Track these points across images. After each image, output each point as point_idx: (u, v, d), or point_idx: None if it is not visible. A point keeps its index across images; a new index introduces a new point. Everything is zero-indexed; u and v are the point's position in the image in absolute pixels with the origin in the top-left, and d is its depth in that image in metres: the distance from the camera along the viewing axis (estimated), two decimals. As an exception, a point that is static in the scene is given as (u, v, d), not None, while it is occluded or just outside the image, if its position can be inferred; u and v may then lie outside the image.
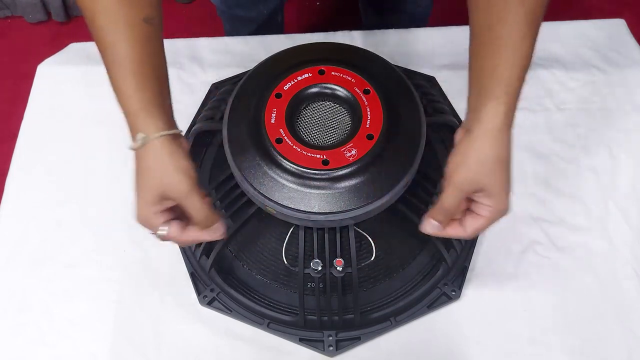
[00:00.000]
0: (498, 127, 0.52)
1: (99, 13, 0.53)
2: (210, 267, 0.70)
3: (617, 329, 0.68)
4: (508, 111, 0.52)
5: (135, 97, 0.53)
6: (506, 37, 0.52)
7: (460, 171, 0.53)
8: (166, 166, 0.53)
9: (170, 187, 0.53)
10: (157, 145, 0.53)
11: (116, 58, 0.53)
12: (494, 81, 0.53)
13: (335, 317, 0.67)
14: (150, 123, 0.53)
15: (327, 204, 0.59)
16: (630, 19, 0.96)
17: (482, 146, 0.52)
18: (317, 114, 0.66)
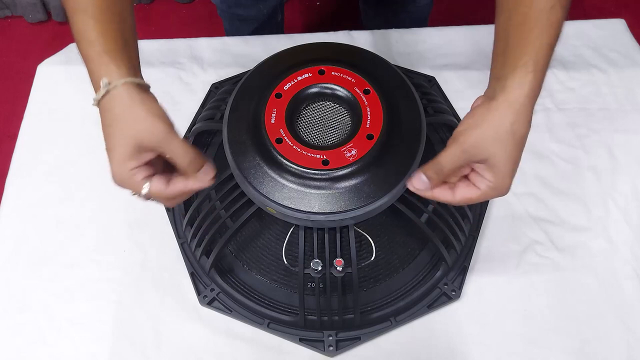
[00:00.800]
0: (522, 98, 0.49)
1: None
2: (210, 267, 0.70)
3: (617, 329, 0.68)
4: (535, 82, 0.49)
5: (98, 43, 0.48)
6: (536, 5, 0.49)
7: (470, 133, 0.49)
8: (137, 112, 0.48)
9: (146, 135, 0.48)
10: (124, 91, 0.48)
11: (80, 2, 0.50)
12: (522, 49, 0.49)
13: (335, 317, 0.67)
14: (114, 69, 0.48)
15: (327, 204, 0.59)
16: (630, 19, 0.96)
17: (501, 115, 0.49)
18: (317, 114, 0.66)
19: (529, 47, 0.49)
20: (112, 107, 0.48)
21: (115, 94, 0.48)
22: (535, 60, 0.49)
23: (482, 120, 0.49)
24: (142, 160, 0.50)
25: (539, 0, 0.50)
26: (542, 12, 0.49)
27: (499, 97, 0.49)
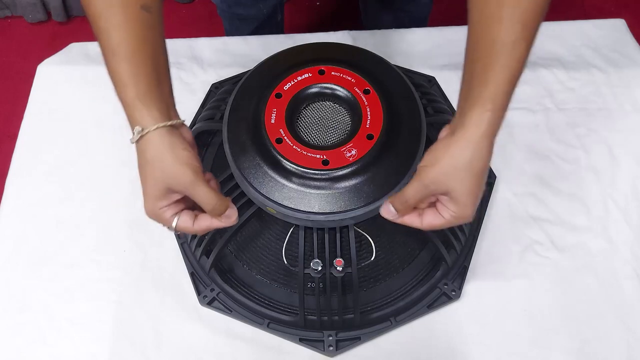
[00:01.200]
0: (479, 136, 0.51)
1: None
2: (210, 267, 0.70)
3: (617, 329, 0.68)
4: (493, 119, 0.50)
5: (130, 86, 0.51)
6: (499, 39, 0.50)
7: (430, 169, 0.52)
8: (166, 159, 0.51)
9: (174, 180, 0.52)
10: (155, 137, 0.51)
11: (111, 44, 0.51)
12: (482, 85, 0.51)
13: (335, 317, 0.67)
14: (146, 114, 0.51)
15: (327, 204, 0.59)
16: (630, 19, 0.96)
17: (459, 152, 0.51)
18: (317, 114, 0.66)
19: (489, 84, 0.50)
20: (145, 151, 0.52)
21: (147, 139, 0.51)
22: (493, 99, 0.50)
23: (441, 157, 0.52)
24: (171, 200, 0.53)
25: (503, 34, 0.50)
26: (505, 47, 0.50)
27: (457, 133, 0.51)
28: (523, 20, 0.50)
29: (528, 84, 0.87)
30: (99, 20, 0.52)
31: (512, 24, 0.50)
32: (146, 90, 0.52)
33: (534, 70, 0.88)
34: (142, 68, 0.52)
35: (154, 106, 0.51)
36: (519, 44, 0.50)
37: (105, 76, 0.80)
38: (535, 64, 0.88)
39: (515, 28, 0.50)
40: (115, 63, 0.52)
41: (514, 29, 0.50)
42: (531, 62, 0.88)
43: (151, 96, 0.52)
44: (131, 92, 0.51)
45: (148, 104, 0.51)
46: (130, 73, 0.51)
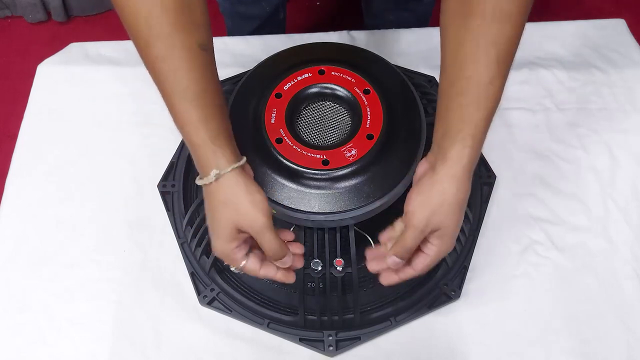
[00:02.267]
0: (461, 171, 0.52)
1: (155, 39, 0.51)
2: (210, 267, 0.70)
3: (617, 329, 0.68)
4: (472, 154, 0.52)
5: (202, 129, 0.51)
6: (475, 78, 0.52)
7: (421, 212, 0.53)
8: (242, 202, 0.52)
9: (246, 223, 0.52)
10: (231, 179, 0.52)
11: (177, 88, 0.52)
12: (461, 122, 0.52)
13: (335, 317, 0.67)
14: (220, 156, 0.52)
15: (327, 204, 0.59)
16: (630, 19, 0.96)
17: (446, 189, 0.53)
18: (317, 114, 0.66)
19: (467, 122, 0.52)
20: (219, 192, 0.52)
21: (222, 181, 0.52)
22: (472, 135, 0.52)
23: (430, 197, 0.53)
24: (240, 240, 0.54)
25: (479, 73, 0.52)
26: (481, 86, 0.52)
27: (440, 169, 0.53)
28: (498, 59, 0.52)
29: (528, 84, 0.87)
30: (161, 63, 0.51)
31: (488, 63, 0.51)
32: (217, 131, 0.52)
33: (534, 70, 0.88)
34: (210, 109, 0.52)
35: (226, 147, 0.52)
36: (495, 82, 0.52)
37: (105, 76, 0.81)
38: (535, 64, 0.88)
39: (491, 67, 0.51)
40: (183, 106, 0.52)
41: (490, 68, 0.52)
42: (531, 62, 0.88)
43: (221, 137, 0.52)
44: (203, 134, 0.51)
45: (221, 146, 0.52)
46: (200, 115, 0.52)
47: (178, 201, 0.76)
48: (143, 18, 0.51)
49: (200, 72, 0.53)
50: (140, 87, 0.86)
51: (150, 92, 0.85)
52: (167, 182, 0.77)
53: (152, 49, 0.51)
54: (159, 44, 0.51)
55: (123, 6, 0.51)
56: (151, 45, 0.51)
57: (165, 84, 0.52)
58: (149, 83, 0.53)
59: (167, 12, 0.50)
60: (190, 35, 0.52)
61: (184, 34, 0.51)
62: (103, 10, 1.64)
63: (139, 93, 0.86)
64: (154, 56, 0.51)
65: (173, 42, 0.51)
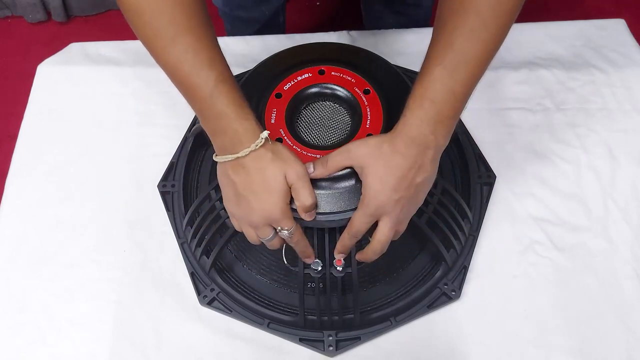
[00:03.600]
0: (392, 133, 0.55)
1: (182, 35, 0.54)
2: (210, 267, 0.70)
3: (617, 329, 0.68)
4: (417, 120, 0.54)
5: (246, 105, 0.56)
6: (457, 46, 0.54)
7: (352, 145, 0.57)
8: (286, 153, 0.56)
9: (294, 172, 0.55)
10: (270, 141, 0.56)
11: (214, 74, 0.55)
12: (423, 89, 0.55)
13: (335, 317, 0.67)
14: (259, 125, 0.56)
15: (327, 204, 0.59)
16: (630, 19, 0.96)
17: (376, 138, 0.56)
18: (317, 114, 0.66)
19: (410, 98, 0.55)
20: (267, 153, 0.55)
21: (267, 144, 0.55)
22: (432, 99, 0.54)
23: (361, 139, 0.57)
24: (289, 197, 0.57)
25: (463, 46, 0.54)
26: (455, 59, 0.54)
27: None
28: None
29: (528, 84, 0.87)
30: (194, 56, 0.54)
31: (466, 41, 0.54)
32: (249, 106, 0.56)
33: (534, 70, 0.88)
34: (240, 89, 0.57)
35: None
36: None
37: (105, 76, 0.81)
38: (535, 64, 0.88)
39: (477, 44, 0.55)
40: (226, 88, 0.55)
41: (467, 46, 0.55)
42: (531, 62, 0.89)
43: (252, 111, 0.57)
44: (248, 109, 0.56)
45: (255, 118, 0.56)
46: (240, 94, 0.56)
47: (178, 201, 0.76)
48: (168, 14, 0.54)
49: (224, 58, 0.57)
50: (140, 87, 0.86)
51: (150, 92, 0.86)
52: (167, 182, 0.77)
53: (180, 42, 0.54)
54: (186, 36, 0.54)
55: (144, 8, 0.54)
56: (178, 39, 0.54)
57: (199, 73, 0.55)
58: (149, 83, 0.54)
59: (189, 8, 0.54)
60: (210, 27, 0.56)
61: (206, 28, 0.56)
62: (103, 10, 1.64)
63: (139, 93, 0.86)
64: (182, 49, 0.54)
65: (199, 35, 0.55)
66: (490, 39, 0.55)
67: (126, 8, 0.55)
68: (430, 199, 0.68)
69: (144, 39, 0.56)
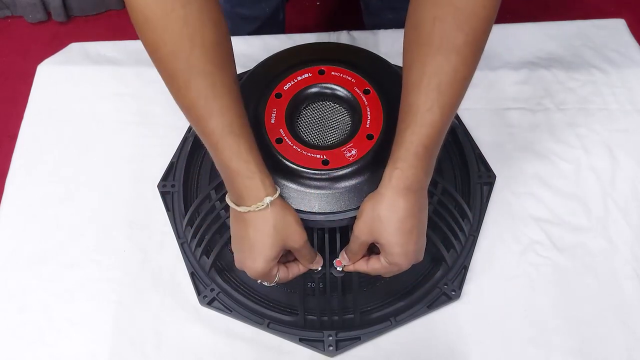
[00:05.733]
0: (391, 191, 0.54)
1: (196, 78, 0.52)
2: (210, 267, 0.70)
3: (617, 329, 0.68)
4: (403, 177, 0.54)
5: (252, 161, 0.54)
6: (415, 105, 0.53)
7: (357, 223, 0.57)
8: (290, 222, 0.56)
9: (292, 240, 0.56)
10: (279, 204, 0.55)
11: (222, 124, 0.53)
12: (396, 146, 0.55)
13: (335, 317, 0.67)
14: (269, 184, 0.55)
15: (327, 204, 0.60)
16: (630, 19, 0.96)
17: (376, 207, 0.55)
18: (317, 114, 0.66)
19: (401, 146, 0.54)
20: (270, 217, 0.55)
21: (273, 208, 0.55)
22: (404, 158, 0.54)
23: (365, 212, 0.57)
24: (278, 258, 0.58)
25: (419, 100, 0.53)
26: (419, 112, 0.53)
27: (378, 188, 0.56)
28: (440, 88, 0.53)
29: (528, 84, 0.87)
30: (204, 101, 0.53)
31: (427, 91, 0.53)
32: (261, 161, 0.55)
33: (534, 70, 0.88)
34: (252, 140, 0.55)
35: (269, 175, 0.56)
36: (433, 111, 0.53)
37: (105, 76, 0.81)
38: (535, 64, 0.88)
39: (430, 95, 0.53)
40: (230, 140, 0.53)
41: (429, 97, 0.53)
42: (531, 62, 0.88)
43: (264, 166, 0.55)
44: (254, 166, 0.54)
45: (267, 174, 0.55)
46: (247, 148, 0.54)
47: (178, 201, 0.76)
48: (184, 57, 0.51)
49: (240, 105, 0.55)
50: (140, 87, 0.86)
51: (150, 92, 0.86)
52: (167, 182, 0.77)
53: (193, 88, 0.52)
54: (200, 82, 0.52)
55: (157, 44, 0.52)
56: (191, 84, 0.52)
57: (209, 121, 0.53)
58: (149, 83, 0.53)
59: (207, 50, 0.52)
60: (228, 71, 0.54)
61: (223, 70, 0.53)
62: (103, 10, 1.64)
63: (139, 93, 0.86)
64: (194, 95, 0.53)
65: (214, 80, 0.53)
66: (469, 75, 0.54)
67: (145, 42, 0.53)
68: (430, 199, 0.68)
69: (162, 77, 0.54)
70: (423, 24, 0.53)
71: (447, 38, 0.52)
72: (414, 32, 0.54)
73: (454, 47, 0.52)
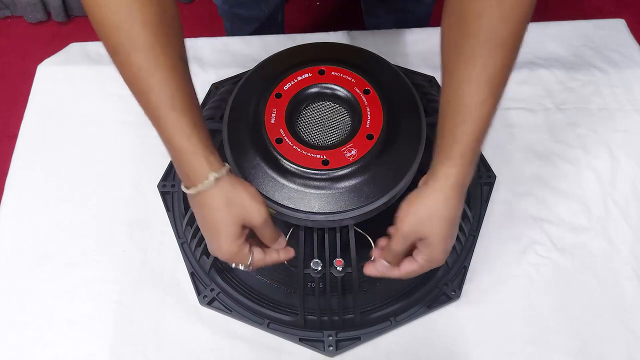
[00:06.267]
0: (449, 187, 0.54)
1: (137, 52, 0.51)
2: (210, 267, 0.70)
3: (617, 329, 0.68)
4: (460, 173, 0.54)
5: (194, 137, 0.53)
6: (468, 99, 0.53)
7: (407, 219, 0.56)
8: (244, 198, 0.54)
9: (251, 216, 0.55)
10: (228, 179, 0.54)
11: (163, 98, 0.52)
12: (451, 142, 0.54)
13: (335, 317, 0.67)
14: (214, 160, 0.53)
15: (327, 204, 0.60)
16: (630, 19, 0.96)
17: (432, 203, 0.55)
18: (317, 114, 0.66)
19: (457, 142, 0.54)
20: (219, 194, 0.53)
21: (222, 184, 0.53)
22: (461, 155, 0.54)
23: (417, 209, 0.56)
24: (244, 236, 0.56)
25: (472, 94, 0.53)
26: (473, 107, 0.53)
27: (430, 185, 0.55)
28: (491, 81, 0.53)
29: (528, 84, 0.87)
30: (145, 74, 0.52)
31: (479, 84, 0.52)
32: (206, 137, 0.54)
33: (534, 70, 0.88)
34: (197, 117, 0.54)
35: (215, 151, 0.54)
36: (486, 103, 0.53)
37: (105, 76, 0.81)
38: (535, 64, 0.88)
39: (483, 89, 0.53)
40: (172, 115, 0.52)
41: (482, 90, 0.53)
42: (531, 62, 0.88)
43: (210, 143, 0.54)
44: (196, 141, 0.53)
45: (212, 151, 0.54)
46: (190, 123, 0.53)
47: (178, 201, 0.76)
48: (125, 31, 0.51)
49: (184, 81, 0.54)
50: (140, 87, 0.86)
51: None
52: (167, 182, 0.77)
53: (134, 61, 0.52)
54: (141, 56, 0.52)
55: (102, 19, 0.52)
56: (133, 58, 0.52)
57: (150, 95, 0.53)
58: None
59: (148, 26, 0.51)
60: (172, 47, 0.53)
61: (166, 46, 0.52)
62: (103, 10, 1.64)
63: (139, 93, 0.86)
64: (136, 68, 0.52)
65: (156, 54, 0.52)
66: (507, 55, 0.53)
67: (92, 19, 0.53)
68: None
69: (107, 51, 0.54)
70: (468, 17, 0.52)
71: (494, 31, 0.51)
72: (458, 26, 0.53)
73: (501, 39, 0.52)
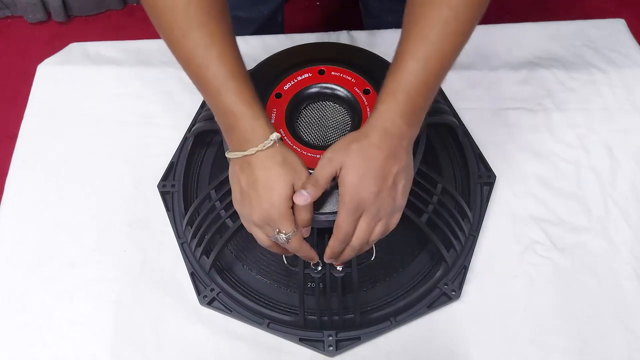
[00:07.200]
0: (371, 127, 0.55)
1: (194, 29, 0.55)
2: (210, 267, 0.70)
3: (617, 329, 0.68)
4: (380, 117, 0.55)
5: (256, 105, 0.55)
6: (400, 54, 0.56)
7: (331, 147, 0.56)
8: (297, 161, 0.56)
9: (298, 176, 0.55)
10: (283, 144, 0.56)
11: (221, 71, 0.55)
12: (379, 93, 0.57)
13: (335, 317, 0.67)
14: (272, 125, 0.56)
15: (328, 204, 0.59)
16: (630, 19, 0.96)
17: (351, 134, 0.56)
18: (317, 114, 0.66)
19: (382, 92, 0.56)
20: (277, 155, 0.55)
21: (278, 146, 0.55)
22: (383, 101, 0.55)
23: (341, 140, 0.56)
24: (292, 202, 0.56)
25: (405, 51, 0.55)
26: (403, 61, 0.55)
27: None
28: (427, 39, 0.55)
29: (528, 84, 0.87)
30: (203, 50, 0.55)
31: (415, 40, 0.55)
32: (262, 105, 0.57)
33: (534, 70, 0.88)
34: (253, 87, 0.57)
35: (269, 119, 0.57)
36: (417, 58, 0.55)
37: (105, 76, 0.81)
38: (535, 64, 0.88)
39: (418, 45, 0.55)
40: (234, 85, 0.55)
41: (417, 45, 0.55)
42: (531, 62, 0.89)
43: (264, 111, 0.57)
44: (258, 108, 0.56)
45: (268, 118, 0.56)
46: (252, 93, 0.56)
47: (178, 201, 0.76)
48: (180, 10, 0.54)
49: (238, 53, 0.57)
50: (140, 87, 0.86)
51: (150, 92, 0.86)
52: (167, 182, 0.77)
53: (191, 38, 0.55)
54: (198, 32, 0.55)
55: (157, 1, 0.55)
56: (190, 34, 0.55)
57: (208, 69, 0.55)
58: (149, 83, 0.53)
59: (202, 3, 0.55)
60: (223, 21, 0.56)
61: (219, 21, 0.56)
62: (103, 10, 1.64)
63: (139, 93, 0.86)
64: (193, 45, 0.55)
65: (210, 30, 0.55)
66: (462, 31, 0.55)
67: (143, 1, 0.56)
68: (430, 199, 0.68)
69: (159, 31, 0.57)
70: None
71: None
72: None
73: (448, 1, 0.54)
